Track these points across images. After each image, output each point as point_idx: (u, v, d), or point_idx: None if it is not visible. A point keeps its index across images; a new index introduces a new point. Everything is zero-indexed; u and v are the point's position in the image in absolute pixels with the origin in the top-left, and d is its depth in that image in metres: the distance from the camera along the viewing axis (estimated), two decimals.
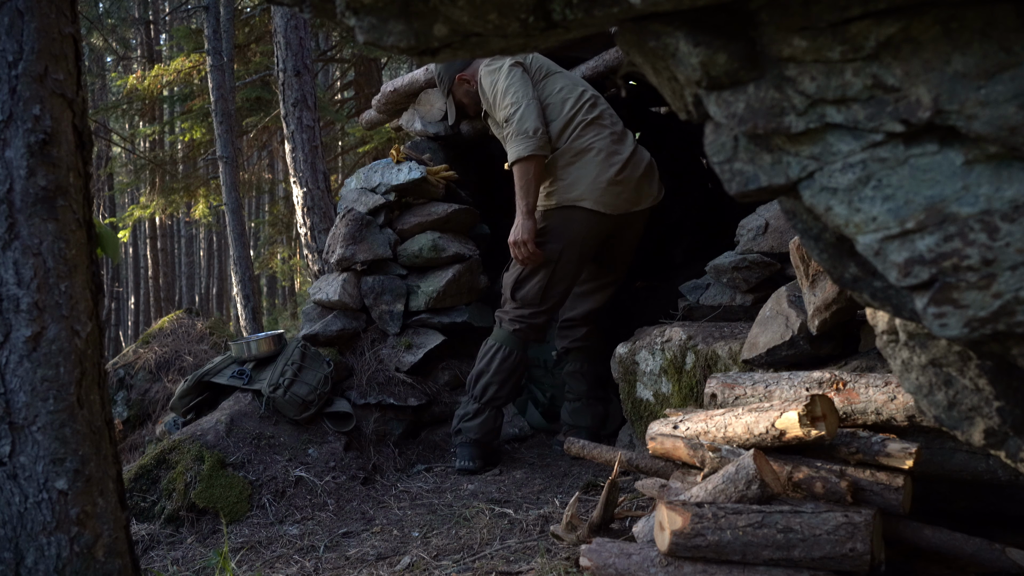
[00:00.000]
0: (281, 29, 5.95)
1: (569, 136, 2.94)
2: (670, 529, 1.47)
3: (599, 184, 2.90)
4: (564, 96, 2.98)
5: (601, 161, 2.92)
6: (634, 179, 2.96)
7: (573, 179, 2.92)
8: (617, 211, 2.95)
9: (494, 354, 3.05)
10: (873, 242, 0.85)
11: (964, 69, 0.77)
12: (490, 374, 3.02)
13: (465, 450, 3.06)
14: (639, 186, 2.98)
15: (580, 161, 2.92)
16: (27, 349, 1.29)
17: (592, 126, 2.96)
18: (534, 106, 2.89)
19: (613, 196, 2.92)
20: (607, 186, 2.90)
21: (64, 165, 1.34)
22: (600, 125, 2.97)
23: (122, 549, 1.38)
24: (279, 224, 11.23)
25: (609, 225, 2.97)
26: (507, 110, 2.90)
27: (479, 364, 3.08)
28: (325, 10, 1.01)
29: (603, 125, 2.97)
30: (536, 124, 2.86)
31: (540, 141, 2.86)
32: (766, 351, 2.01)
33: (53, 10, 1.34)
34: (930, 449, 1.68)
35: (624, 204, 2.96)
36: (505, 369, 3.02)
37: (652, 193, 3.05)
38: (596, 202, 2.91)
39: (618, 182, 2.92)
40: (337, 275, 3.65)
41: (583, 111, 2.96)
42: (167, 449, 2.92)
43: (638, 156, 3.00)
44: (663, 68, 0.97)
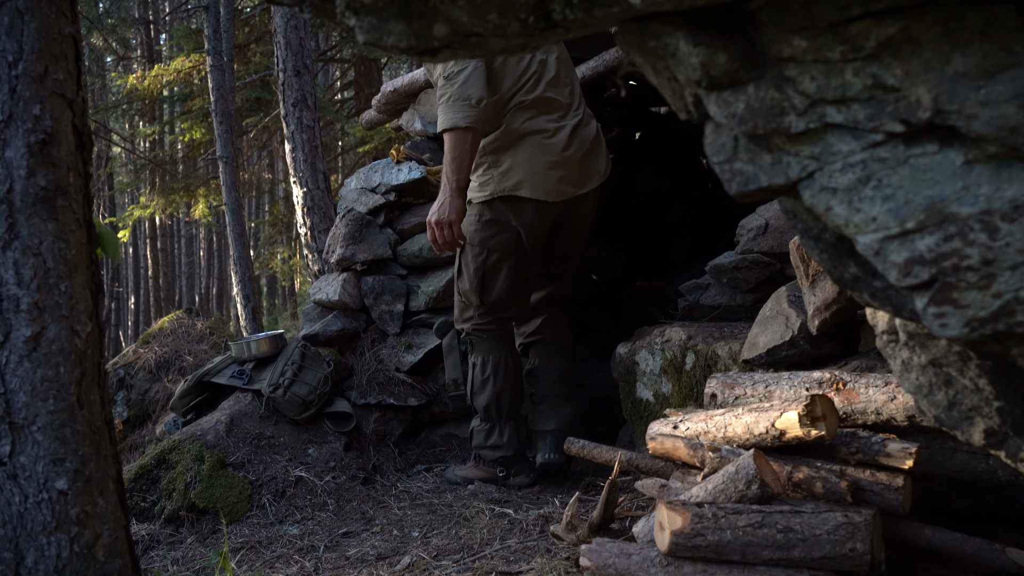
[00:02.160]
0: (281, 29, 5.95)
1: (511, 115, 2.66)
2: (670, 529, 1.47)
3: (537, 170, 2.64)
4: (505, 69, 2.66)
5: (538, 144, 2.64)
6: (577, 159, 2.69)
7: (508, 166, 2.65)
8: (561, 197, 2.69)
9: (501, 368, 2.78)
10: (873, 242, 0.85)
11: (964, 69, 0.77)
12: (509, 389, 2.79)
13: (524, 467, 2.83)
14: (583, 166, 2.72)
15: (516, 146, 2.65)
16: (27, 349, 1.29)
17: (531, 107, 2.66)
18: (481, 72, 2.56)
19: (554, 182, 2.66)
20: (546, 171, 2.64)
21: (64, 165, 1.35)
22: (541, 104, 2.67)
23: (122, 549, 1.38)
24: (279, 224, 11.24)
25: (554, 213, 2.72)
26: (451, 67, 2.55)
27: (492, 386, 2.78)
28: (325, 10, 1.01)
29: (544, 104, 2.67)
30: (481, 93, 2.53)
31: (482, 115, 2.54)
32: (766, 351, 2.01)
33: (53, 10, 1.34)
34: (930, 449, 1.68)
35: (568, 188, 2.70)
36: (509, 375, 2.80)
37: (599, 171, 2.78)
38: (536, 190, 2.65)
39: (558, 165, 2.66)
40: (337, 275, 3.65)
41: (523, 90, 2.66)
42: (167, 449, 2.92)
43: (582, 133, 2.73)
44: (663, 68, 0.97)
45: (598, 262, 4.58)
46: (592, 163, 2.75)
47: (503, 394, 2.77)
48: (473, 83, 2.51)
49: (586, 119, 2.78)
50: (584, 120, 2.77)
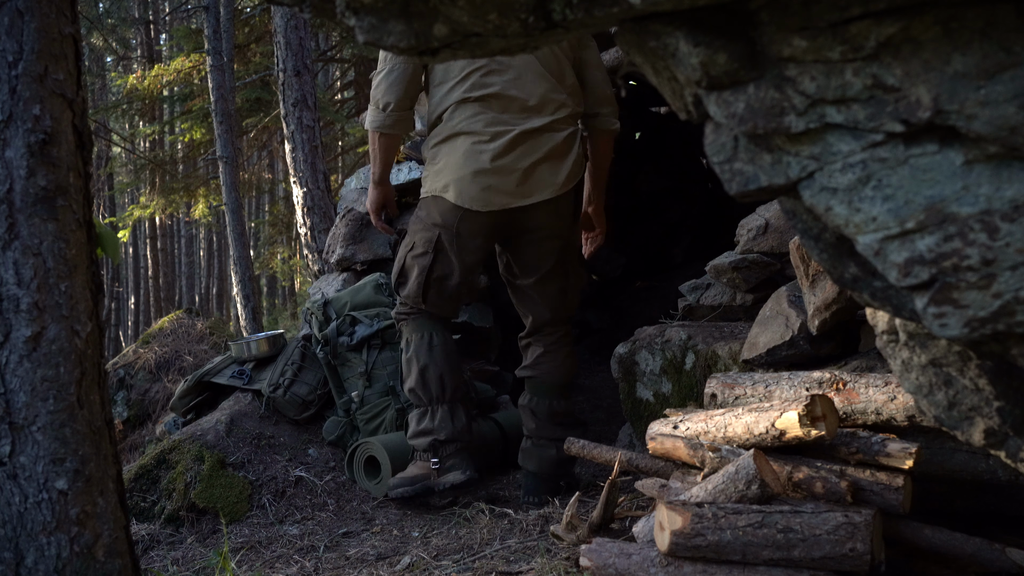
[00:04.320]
0: (281, 29, 5.95)
1: (443, 113, 2.52)
2: (670, 529, 1.47)
3: (463, 175, 2.44)
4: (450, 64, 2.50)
5: (470, 147, 2.45)
6: (517, 168, 2.43)
7: (441, 166, 2.51)
8: (489, 207, 2.45)
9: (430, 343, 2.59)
10: (873, 242, 0.85)
11: (964, 69, 0.77)
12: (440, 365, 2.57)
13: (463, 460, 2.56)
14: (527, 176, 2.44)
15: (449, 145, 2.50)
16: (27, 349, 1.29)
17: (473, 104, 2.47)
18: (397, 74, 2.47)
19: (478, 190, 2.44)
20: (472, 178, 2.44)
21: (64, 165, 1.35)
22: (490, 103, 2.47)
23: (122, 549, 1.38)
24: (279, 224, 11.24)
25: (488, 222, 2.49)
26: (379, 66, 2.52)
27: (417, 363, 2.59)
28: (325, 10, 1.01)
29: (495, 103, 2.46)
30: (389, 99, 2.47)
31: (387, 119, 2.50)
32: (766, 351, 2.01)
33: (53, 10, 1.34)
34: (930, 449, 1.68)
35: (499, 199, 2.45)
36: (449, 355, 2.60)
37: (554, 183, 2.48)
38: (459, 195, 2.45)
39: (486, 173, 2.43)
40: (337, 275, 3.65)
41: (467, 87, 2.48)
42: (167, 449, 2.92)
43: (538, 140, 2.46)
44: (663, 68, 0.97)
45: (598, 262, 4.58)
46: (543, 174, 2.47)
47: (427, 370, 2.57)
48: (385, 88, 2.50)
49: (556, 125, 2.49)
50: (552, 126, 2.49)
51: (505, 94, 2.47)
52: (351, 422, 3.06)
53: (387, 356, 3.09)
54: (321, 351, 3.16)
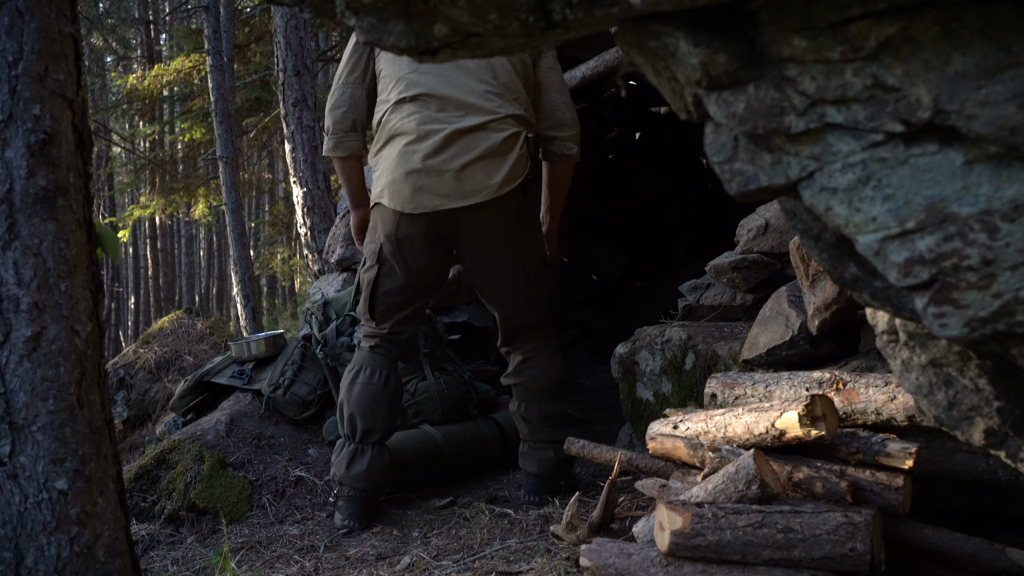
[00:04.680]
0: (281, 29, 5.95)
1: (381, 117, 2.47)
2: (670, 529, 1.47)
3: (395, 177, 2.38)
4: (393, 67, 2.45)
5: (403, 148, 2.38)
6: (450, 168, 2.33)
7: (380, 171, 2.45)
8: (421, 209, 2.36)
9: (353, 379, 2.53)
10: (873, 242, 0.85)
11: (964, 69, 0.77)
12: (352, 404, 2.51)
13: (348, 505, 2.52)
14: (460, 176, 2.34)
15: (386, 149, 2.44)
16: (27, 349, 1.29)
17: (408, 104, 2.40)
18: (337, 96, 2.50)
19: (410, 191, 2.36)
20: (403, 179, 2.36)
21: (64, 165, 1.35)
22: (422, 101, 2.39)
23: (122, 549, 1.38)
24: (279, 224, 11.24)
25: (425, 226, 2.41)
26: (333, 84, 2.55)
27: (339, 396, 2.56)
28: (325, 10, 1.01)
29: (431, 102, 2.39)
30: (330, 121, 2.50)
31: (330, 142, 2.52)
32: (766, 351, 2.01)
33: (53, 10, 1.34)
34: (930, 449, 1.68)
35: (431, 200, 2.35)
36: (371, 393, 2.50)
37: (488, 186, 2.35)
38: (393, 199, 2.39)
39: (418, 173, 2.35)
40: (337, 275, 3.65)
41: (401, 88, 2.42)
42: (167, 449, 2.92)
43: (475, 137, 2.35)
44: (663, 68, 0.97)
45: (598, 262, 4.58)
46: (477, 175, 2.35)
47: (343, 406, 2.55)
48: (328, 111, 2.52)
49: (495, 124, 2.38)
50: (489, 125, 2.38)
51: (439, 93, 2.39)
52: None
53: None
54: (321, 351, 3.16)
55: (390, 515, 2.63)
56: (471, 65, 2.42)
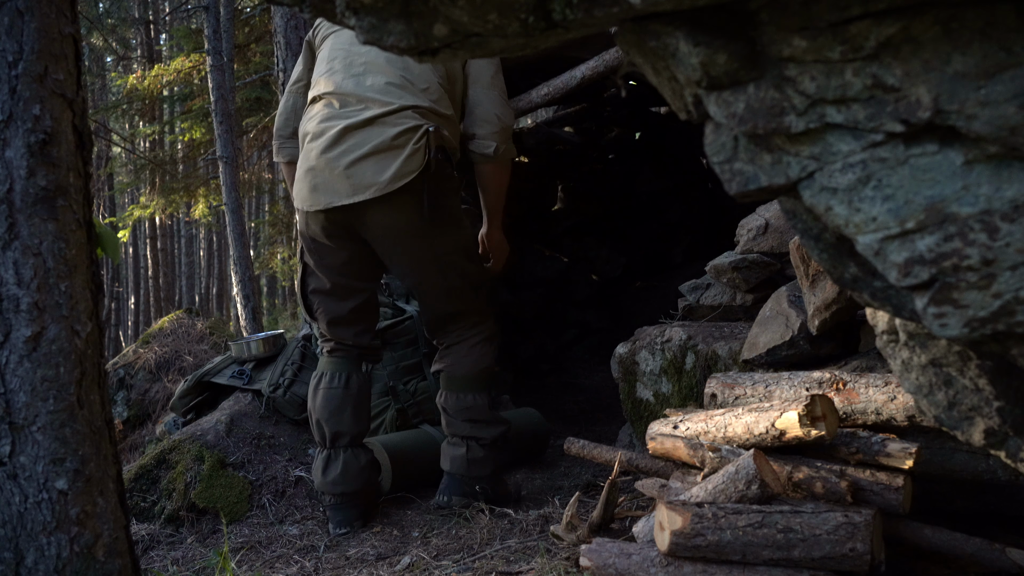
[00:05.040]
0: (281, 29, 5.94)
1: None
2: (670, 529, 1.47)
3: (299, 175, 2.42)
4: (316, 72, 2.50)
5: (306, 147, 2.40)
6: (339, 164, 2.29)
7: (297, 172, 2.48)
8: (316, 207, 2.34)
9: (316, 386, 2.54)
10: (873, 242, 0.85)
11: (964, 69, 0.77)
12: (316, 411, 2.51)
13: (335, 513, 2.50)
14: (353, 172, 2.28)
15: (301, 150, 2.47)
16: (27, 349, 1.29)
17: (315, 103, 2.43)
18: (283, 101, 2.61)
19: (310, 189, 2.36)
20: (304, 176, 2.38)
21: (64, 165, 1.35)
22: (327, 100, 2.39)
23: (122, 549, 1.38)
24: (279, 224, 11.23)
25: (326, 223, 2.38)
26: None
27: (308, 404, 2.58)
28: (325, 10, 1.01)
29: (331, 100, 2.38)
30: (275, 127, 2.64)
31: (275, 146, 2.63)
32: (766, 351, 2.01)
33: (53, 10, 1.34)
34: (930, 449, 1.68)
35: (323, 197, 2.32)
36: (333, 398, 2.49)
37: (377, 181, 2.26)
38: (296, 196, 2.44)
39: (313, 171, 2.35)
40: None
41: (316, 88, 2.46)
42: (167, 449, 2.92)
43: (362, 135, 2.30)
44: (663, 68, 0.97)
45: (598, 262, 4.58)
46: (366, 171, 2.28)
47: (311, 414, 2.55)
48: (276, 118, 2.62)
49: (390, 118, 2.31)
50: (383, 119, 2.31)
51: (340, 90, 2.37)
52: None
53: (387, 356, 3.09)
54: None
55: (390, 515, 2.63)
56: (381, 60, 2.38)
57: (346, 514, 2.50)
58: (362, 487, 2.52)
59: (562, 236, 4.54)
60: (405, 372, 3.09)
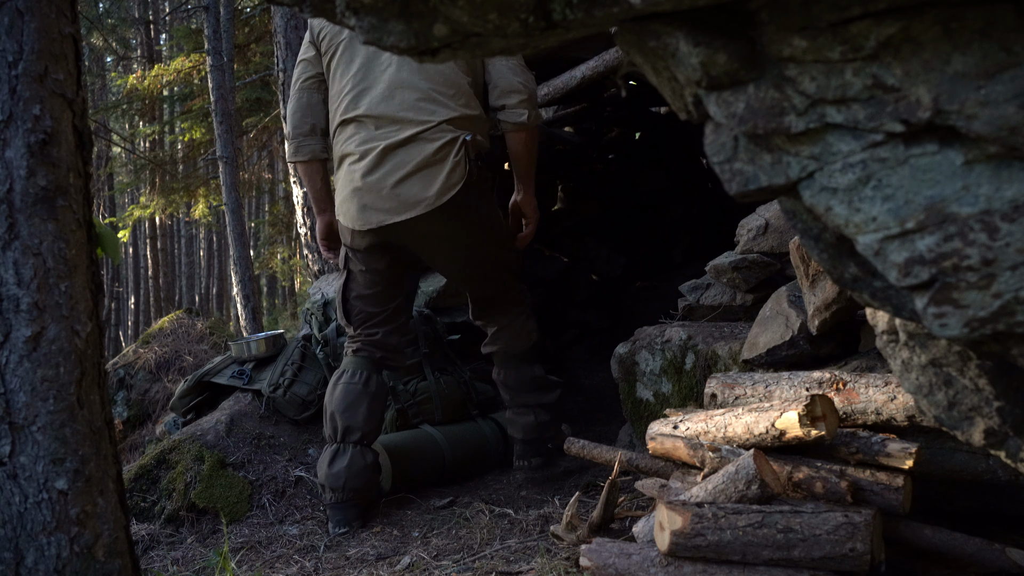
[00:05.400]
0: (281, 29, 5.94)
1: (333, 138, 2.59)
2: (670, 529, 1.47)
3: (344, 196, 2.50)
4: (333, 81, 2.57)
5: (347, 168, 2.50)
6: (385, 185, 2.41)
7: (337, 189, 2.58)
8: (367, 225, 2.45)
9: (336, 380, 2.62)
10: (873, 242, 0.85)
11: (964, 69, 0.77)
12: (333, 403, 2.58)
13: (335, 512, 2.54)
14: (398, 190, 2.40)
15: (339, 169, 2.56)
16: (27, 349, 1.29)
17: (350, 125, 2.51)
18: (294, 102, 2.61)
19: (359, 209, 2.45)
20: (351, 197, 2.47)
21: (64, 165, 1.35)
22: (361, 122, 2.48)
23: (122, 549, 1.38)
24: (279, 224, 11.24)
25: (374, 240, 2.51)
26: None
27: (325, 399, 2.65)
28: (325, 10, 1.01)
29: (369, 122, 2.46)
30: (289, 127, 2.62)
31: (290, 147, 2.63)
32: (766, 351, 2.01)
33: (53, 10, 1.34)
34: (930, 449, 1.68)
35: (375, 216, 2.43)
36: (351, 392, 2.57)
37: (426, 197, 2.39)
38: (345, 216, 2.52)
39: (360, 192, 2.45)
40: (337, 275, 3.65)
41: (343, 109, 2.52)
42: (167, 449, 2.92)
43: (404, 154, 2.41)
44: (663, 68, 0.97)
45: (598, 262, 4.58)
46: (413, 189, 2.40)
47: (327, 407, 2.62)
48: (288, 116, 2.63)
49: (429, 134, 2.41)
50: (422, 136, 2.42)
51: (373, 112, 2.46)
52: None
53: None
54: (321, 351, 3.16)
55: (390, 515, 2.63)
56: (405, 75, 2.47)
57: (346, 514, 2.54)
58: (363, 485, 2.56)
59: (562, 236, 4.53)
60: (405, 372, 3.09)
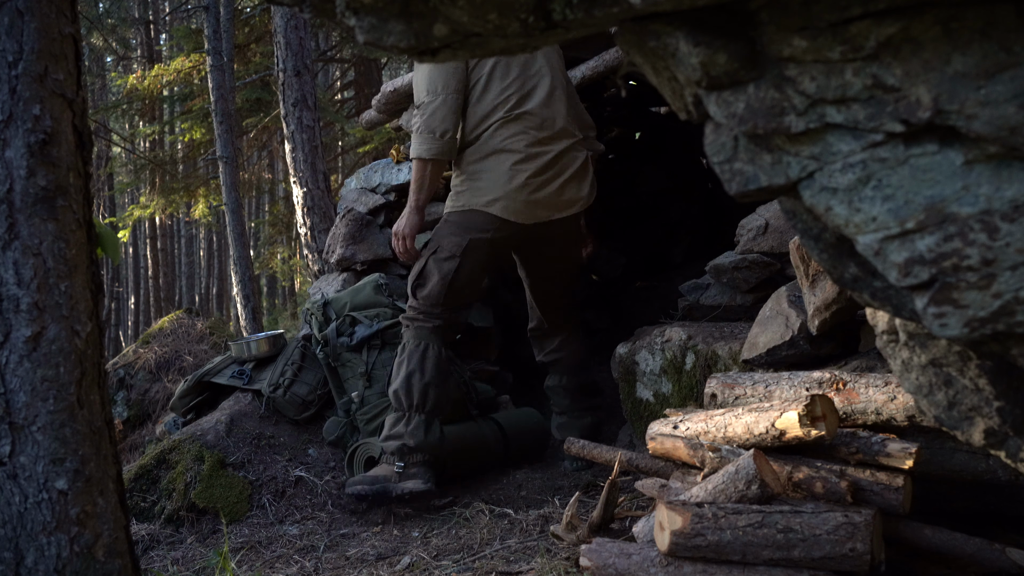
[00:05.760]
0: (281, 29, 5.95)
1: (483, 133, 2.71)
2: (670, 529, 1.47)
3: (509, 189, 2.67)
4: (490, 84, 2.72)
5: (515, 164, 2.68)
6: (554, 185, 2.72)
7: (484, 183, 2.70)
8: (530, 220, 2.71)
9: (424, 353, 2.71)
10: (873, 242, 0.85)
11: (964, 69, 0.77)
12: (428, 375, 2.68)
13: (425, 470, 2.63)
14: (563, 191, 2.74)
15: (492, 161, 2.70)
16: (27, 349, 1.29)
17: (514, 123, 2.70)
18: (451, 102, 2.67)
19: (524, 204, 2.69)
20: (517, 192, 2.67)
21: (64, 165, 1.35)
22: (525, 121, 2.71)
23: (122, 549, 1.38)
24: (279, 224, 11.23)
25: (522, 233, 2.74)
26: (422, 96, 2.69)
27: (406, 368, 2.70)
28: (325, 10, 1.01)
29: (529, 122, 2.71)
30: (446, 126, 2.66)
31: (444, 146, 2.68)
32: (766, 351, 2.01)
33: (53, 10, 1.34)
34: (930, 449, 1.68)
35: (541, 212, 2.72)
36: (441, 369, 2.71)
37: (580, 198, 2.80)
38: (505, 209, 2.68)
39: (530, 188, 2.68)
40: (337, 275, 3.65)
41: (506, 106, 2.71)
42: (167, 449, 2.92)
43: (567, 158, 2.76)
44: (663, 68, 0.97)
45: (598, 262, 4.58)
46: (572, 190, 2.77)
47: (413, 377, 2.68)
48: (440, 116, 2.66)
49: (578, 146, 2.82)
50: (575, 146, 2.80)
51: (538, 113, 2.74)
52: (351, 422, 3.06)
53: (387, 356, 3.09)
54: (321, 351, 3.16)
55: (390, 515, 2.63)
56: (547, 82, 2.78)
57: (434, 473, 2.67)
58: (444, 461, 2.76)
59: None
60: None
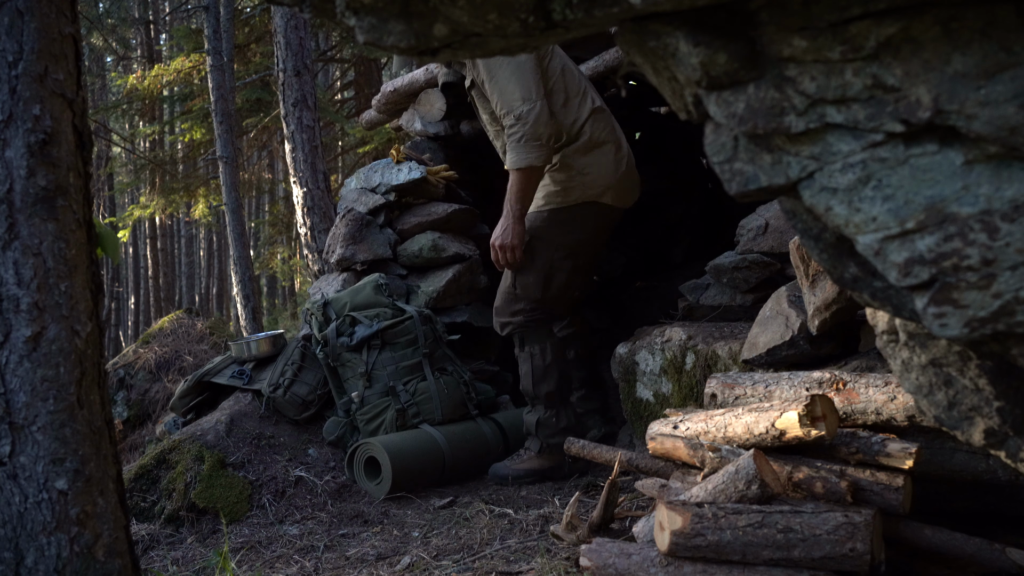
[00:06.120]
0: (281, 29, 5.95)
1: (582, 127, 2.78)
2: (670, 529, 1.47)
3: (612, 178, 2.80)
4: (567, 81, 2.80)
5: (614, 153, 2.82)
6: (633, 169, 2.91)
7: (594, 175, 2.78)
8: (629, 204, 2.92)
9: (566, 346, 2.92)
10: (873, 242, 0.85)
11: (964, 69, 0.77)
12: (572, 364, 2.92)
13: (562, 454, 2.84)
14: (634, 177, 2.93)
15: (597, 154, 2.79)
16: (27, 349, 1.29)
17: (599, 114, 2.83)
18: (547, 108, 2.70)
19: (623, 190, 2.86)
20: (619, 179, 2.82)
21: (64, 165, 1.35)
22: (604, 112, 2.86)
23: (122, 549, 1.38)
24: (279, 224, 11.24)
25: (618, 218, 2.93)
26: (516, 104, 2.66)
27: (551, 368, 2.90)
28: (325, 10, 1.01)
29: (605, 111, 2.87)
30: (549, 132, 2.68)
31: (550, 152, 2.72)
32: (766, 351, 2.01)
33: (53, 10, 1.34)
34: (930, 449, 1.68)
35: (633, 195, 2.93)
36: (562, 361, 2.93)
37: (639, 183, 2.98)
38: (615, 196, 2.84)
39: (625, 174, 2.85)
40: (337, 275, 3.65)
41: (587, 99, 2.82)
42: (167, 449, 2.92)
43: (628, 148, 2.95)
44: (663, 68, 0.97)
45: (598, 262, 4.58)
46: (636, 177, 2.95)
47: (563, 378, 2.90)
48: (543, 123, 2.66)
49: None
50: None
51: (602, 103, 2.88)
52: (351, 422, 3.06)
53: (387, 357, 3.09)
54: (321, 351, 3.16)
55: (390, 515, 2.63)
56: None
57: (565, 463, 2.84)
58: None
59: None
60: (405, 372, 3.09)
